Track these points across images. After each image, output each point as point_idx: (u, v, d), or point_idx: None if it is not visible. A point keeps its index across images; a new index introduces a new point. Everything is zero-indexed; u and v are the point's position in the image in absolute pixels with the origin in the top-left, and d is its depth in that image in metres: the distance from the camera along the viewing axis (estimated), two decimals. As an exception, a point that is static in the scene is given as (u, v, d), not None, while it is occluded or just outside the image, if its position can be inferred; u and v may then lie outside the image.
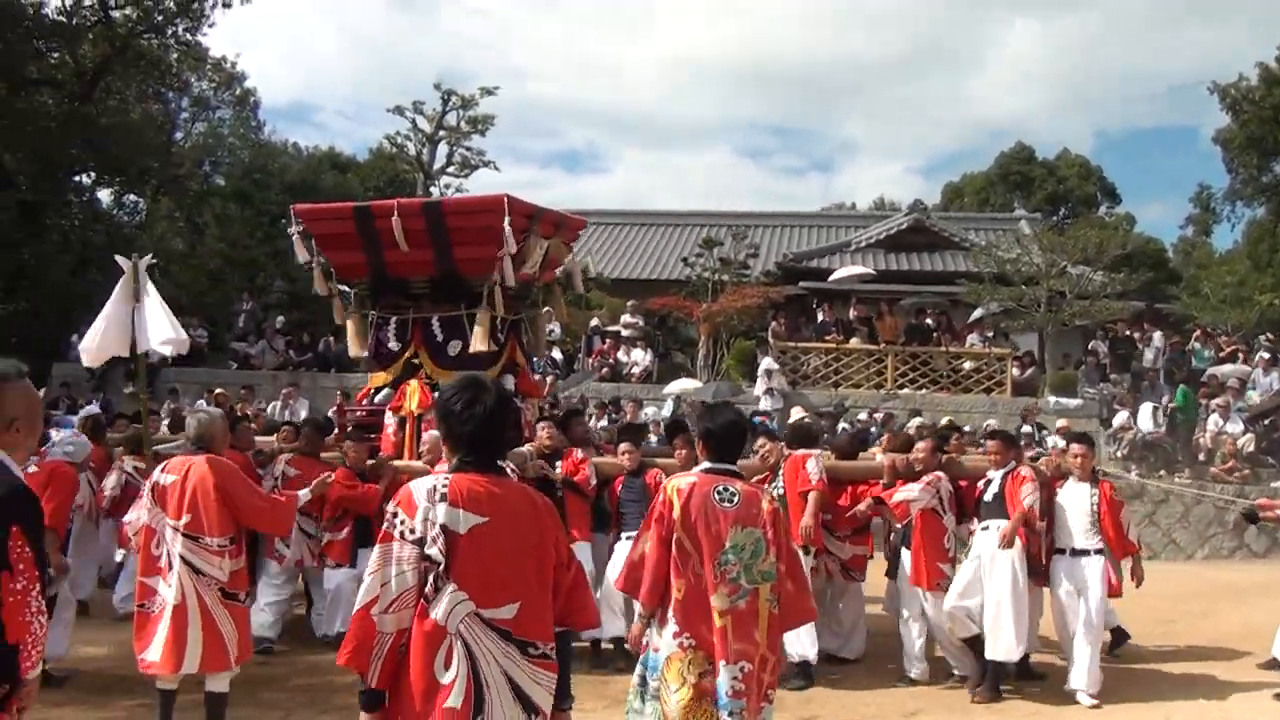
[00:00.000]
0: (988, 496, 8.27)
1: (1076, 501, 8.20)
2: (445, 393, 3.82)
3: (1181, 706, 7.85)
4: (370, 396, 10.05)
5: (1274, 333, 23.67)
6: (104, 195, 30.61)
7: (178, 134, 33.11)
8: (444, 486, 3.56)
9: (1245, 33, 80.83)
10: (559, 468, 8.85)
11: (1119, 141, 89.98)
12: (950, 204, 48.33)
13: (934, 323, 22.80)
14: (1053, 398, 20.31)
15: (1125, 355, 22.28)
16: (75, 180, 27.91)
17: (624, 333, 23.47)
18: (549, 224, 9.81)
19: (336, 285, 10.00)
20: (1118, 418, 18.68)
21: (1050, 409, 19.58)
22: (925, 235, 30.05)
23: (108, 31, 26.02)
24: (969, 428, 16.55)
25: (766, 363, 20.71)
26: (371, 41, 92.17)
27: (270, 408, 18.36)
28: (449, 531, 3.51)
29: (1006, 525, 7.96)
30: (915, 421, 15.58)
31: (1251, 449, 17.47)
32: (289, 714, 7.27)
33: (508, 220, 8.76)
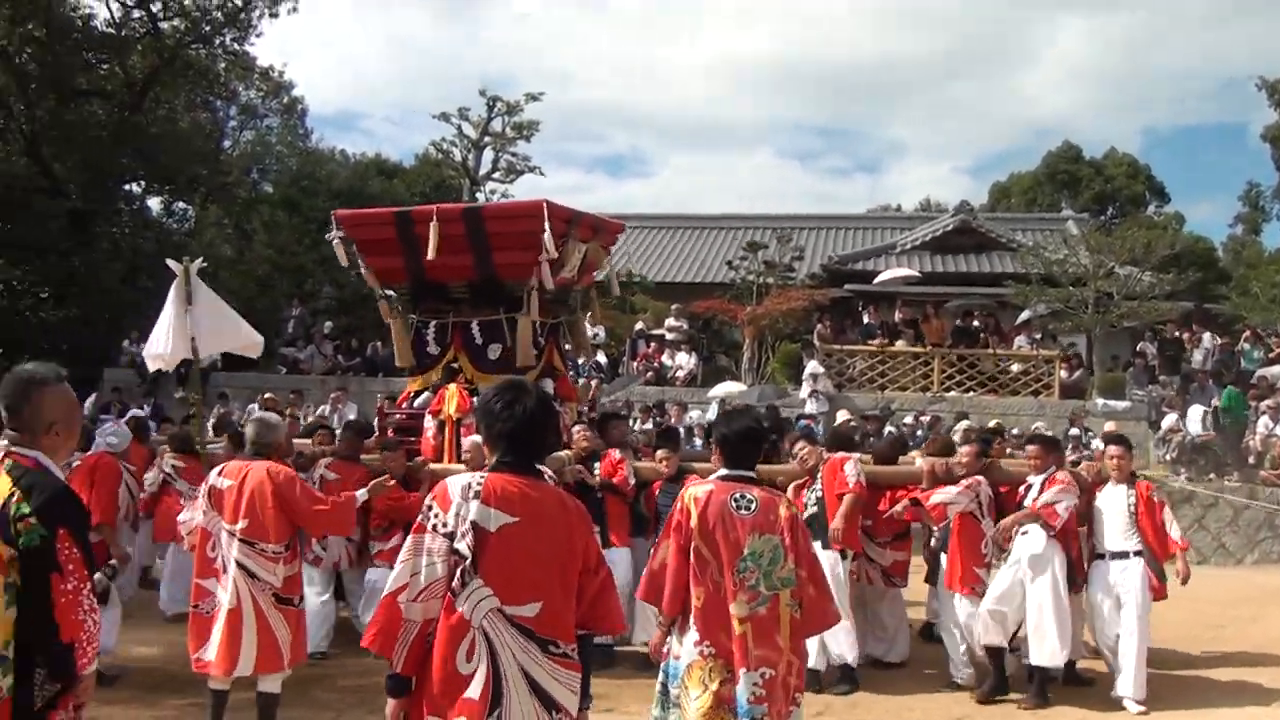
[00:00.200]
0: (1027, 502, 8.18)
1: (1114, 504, 8.14)
2: (487, 394, 3.94)
3: (1229, 713, 7.74)
4: (410, 400, 10.11)
5: (1325, 333, 23.28)
6: (153, 203, 31.15)
7: (226, 142, 33.51)
8: (478, 485, 3.65)
9: (1296, 27, 79.53)
10: (597, 470, 8.87)
11: (1167, 139, 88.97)
12: (997, 204, 48.00)
13: (981, 325, 22.64)
14: (1101, 400, 20.12)
15: (1174, 356, 22.02)
16: (125, 189, 28.41)
17: (668, 336, 23.43)
18: (587, 228, 9.84)
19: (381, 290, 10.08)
20: (1166, 420, 18.42)
21: (1098, 411, 19.39)
22: (972, 236, 29.88)
23: (156, 42, 26.38)
24: (1016, 430, 16.47)
25: (812, 366, 20.62)
26: (418, 48, 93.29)
27: (319, 412, 18.52)
28: (479, 529, 3.59)
29: (1009, 518, 8.00)
30: (963, 424, 15.46)
31: (1303, 451, 17.12)
32: (340, 714, 7.34)
33: (547, 225, 8.80)
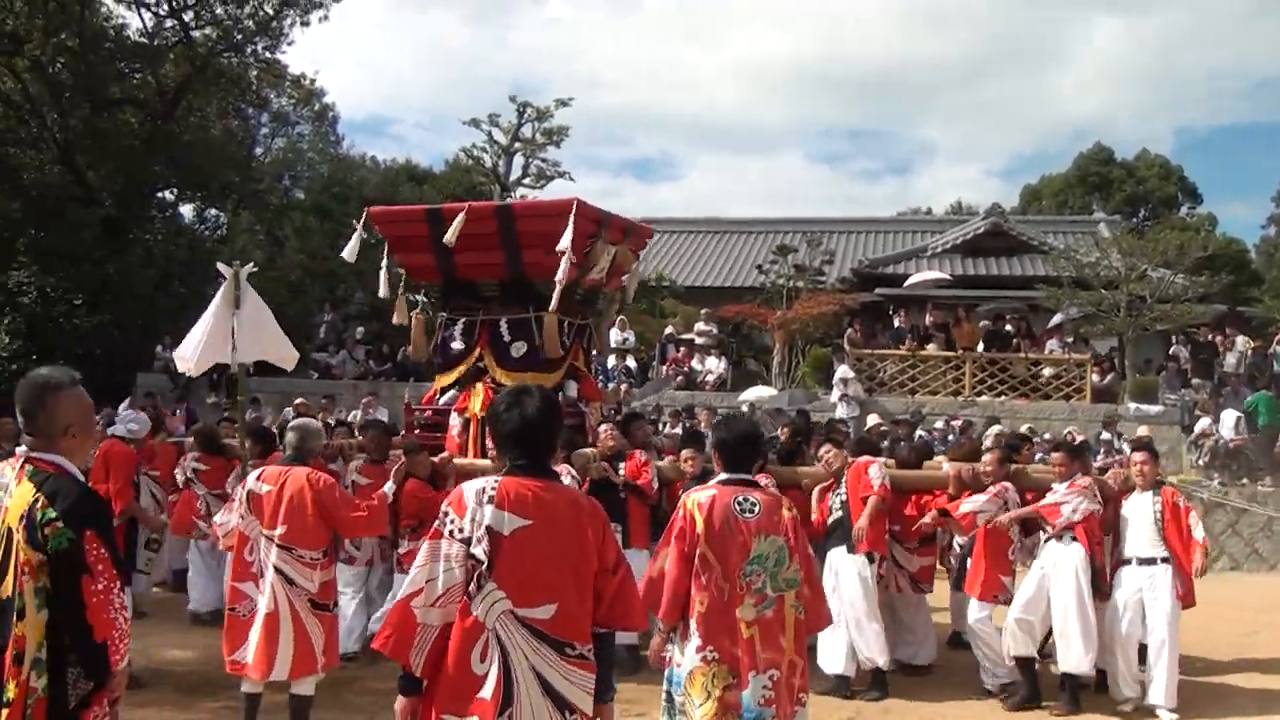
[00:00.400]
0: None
1: (1140, 512, 8.02)
2: (495, 400, 4.00)
3: (1262, 721, 7.67)
4: (436, 398, 10.17)
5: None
6: (186, 210, 31.33)
7: (258, 149, 33.67)
8: (492, 489, 3.67)
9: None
10: (622, 470, 8.90)
11: (1200, 140, 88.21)
12: (1028, 207, 47.74)
13: (1012, 328, 22.43)
14: (1133, 404, 19.90)
15: (1207, 360, 21.75)
16: (158, 196, 28.56)
17: (698, 340, 23.36)
18: (617, 230, 9.84)
19: (403, 289, 10.11)
20: (1199, 424, 18.23)
21: (1131, 415, 19.20)
22: (1003, 239, 29.76)
23: (188, 51, 26.53)
24: (1048, 435, 16.35)
25: (842, 370, 20.54)
26: (448, 54, 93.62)
27: (351, 416, 18.61)
28: (493, 533, 3.61)
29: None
30: (994, 429, 15.35)
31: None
32: (372, 717, 7.35)
33: (571, 224, 8.81)
